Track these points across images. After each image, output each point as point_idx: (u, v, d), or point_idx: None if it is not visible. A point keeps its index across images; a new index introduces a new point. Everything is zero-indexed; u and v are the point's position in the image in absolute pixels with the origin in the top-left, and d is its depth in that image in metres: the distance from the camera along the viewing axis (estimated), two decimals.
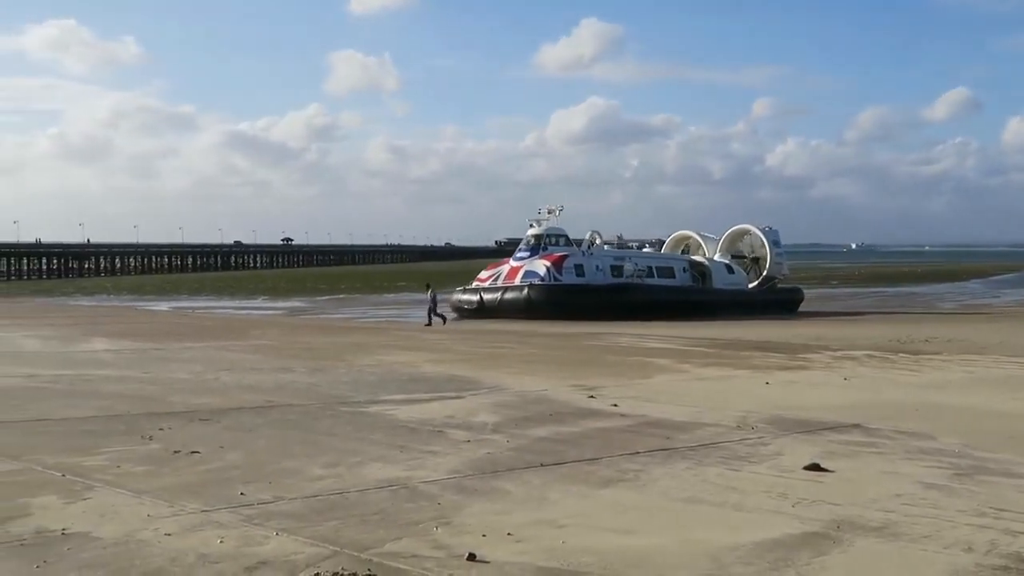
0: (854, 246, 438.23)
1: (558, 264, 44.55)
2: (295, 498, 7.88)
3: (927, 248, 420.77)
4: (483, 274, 46.88)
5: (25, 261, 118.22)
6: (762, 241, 53.89)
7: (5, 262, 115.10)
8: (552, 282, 43.89)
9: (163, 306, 55.74)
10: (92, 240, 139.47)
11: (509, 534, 6.93)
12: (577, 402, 13.78)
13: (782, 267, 54.51)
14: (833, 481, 8.85)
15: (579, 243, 47.53)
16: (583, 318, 38.17)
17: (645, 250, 56.00)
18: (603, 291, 44.47)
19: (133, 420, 11.71)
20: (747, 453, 10.11)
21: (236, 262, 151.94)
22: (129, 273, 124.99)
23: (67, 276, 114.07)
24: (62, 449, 9.80)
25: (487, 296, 44.23)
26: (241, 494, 7.97)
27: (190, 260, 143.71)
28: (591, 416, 12.52)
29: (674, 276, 49.23)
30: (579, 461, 9.60)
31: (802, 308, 51.15)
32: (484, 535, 6.88)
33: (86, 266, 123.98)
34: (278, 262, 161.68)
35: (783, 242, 55.73)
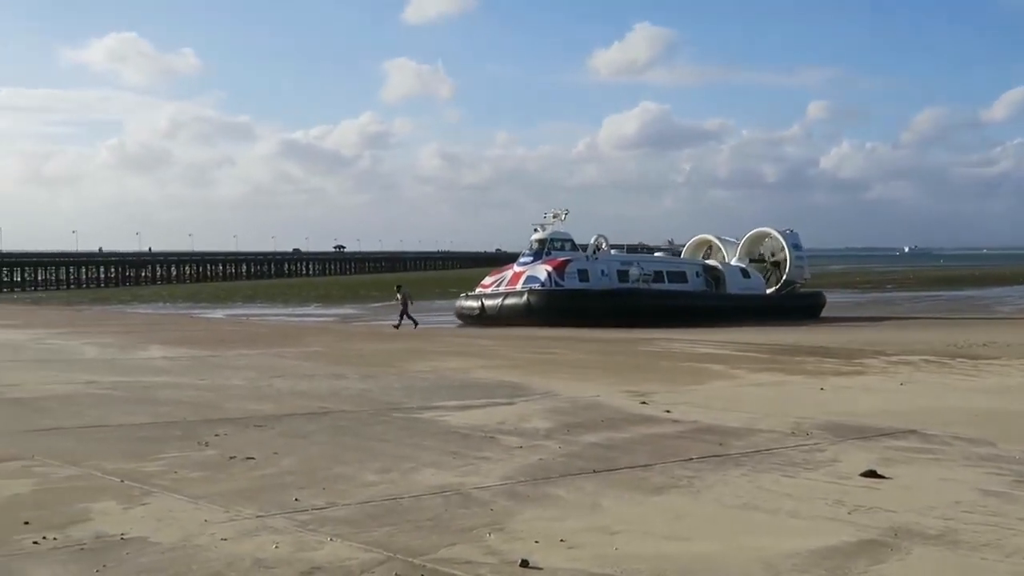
0: (907, 249, 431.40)
1: (560, 269, 43.89)
2: (349, 504, 7.93)
3: (985, 251, 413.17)
4: (487, 280, 46.34)
5: (84, 270, 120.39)
6: (782, 244, 52.62)
7: (65, 271, 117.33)
8: (553, 287, 43.24)
9: (218, 313, 56.44)
10: (148, 249, 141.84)
11: (562, 540, 6.92)
12: (629, 408, 13.73)
13: (803, 271, 53.23)
14: (890, 488, 8.72)
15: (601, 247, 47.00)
16: (585, 324, 37.50)
17: (657, 255, 55.06)
18: (605, 296, 43.66)
19: (189, 426, 11.86)
20: (802, 459, 10.00)
21: (289, 269, 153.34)
22: (185, 281, 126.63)
23: (124, 284, 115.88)
24: (120, 455, 9.94)
25: (488, 302, 43.64)
26: (295, 500, 8.04)
27: (244, 268, 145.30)
28: (644, 422, 12.47)
29: (686, 281, 48.34)
30: (632, 467, 9.55)
31: (853, 314, 50.30)
32: (537, 541, 6.87)
33: (143, 274, 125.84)
34: (330, 269, 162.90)
35: (806, 245, 54.37)
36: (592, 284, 44.32)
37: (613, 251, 49.49)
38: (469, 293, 45.65)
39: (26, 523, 7.19)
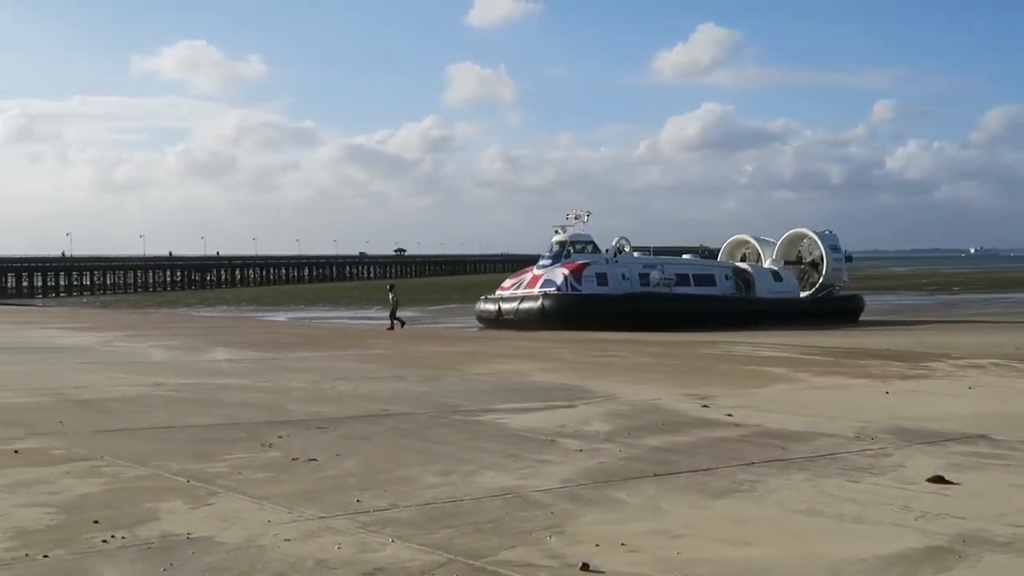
0: (972, 251, 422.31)
1: (577, 273, 43.02)
2: (410, 506, 7.98)
3: None
4: (506, 282, 45.82)
5: (151, 273, 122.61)
6: (818, 246, 51.03)
7: (132, 275, 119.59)
8: (569, 291, 42.38)
9: (281, 316, 57.15)
10: (216, 253, 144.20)
11: (623, 544, 6.89)
12: (690, 411, 13.64)
13: (841, 274, 51.53)
14: (958, 494, 8.56)
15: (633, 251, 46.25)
16: (601, 328, 36.62)
17: (685, 257, 53.69)
18: (622, 301, 42.70)
19: (253, 428, 12.02)
20: (867, 464, 9.85)
21: (351, 273, 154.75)
22: (248, 285, 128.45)
23: (190, 288, 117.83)
24: (187, 456, 10.10)
25: (505, 306, 43.06)
26: (357, 501, 8.10)
27: (306, 271, 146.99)
28: (705, 426, 12.37)
29: (714, 284, 47.10)
30: (693, 471, 9.49)
31: (914, 317, 49.07)
32: (598, 545, 6.85)
33: (208, 278, 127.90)
34: (391, 272, 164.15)
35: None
36: (612, 288, 43.39)
37: (636, 254, 48.44)
38: (488, 296, 45.09)
39: (96, 522, 7.33)
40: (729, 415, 13.15)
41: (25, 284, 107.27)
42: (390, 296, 38.94)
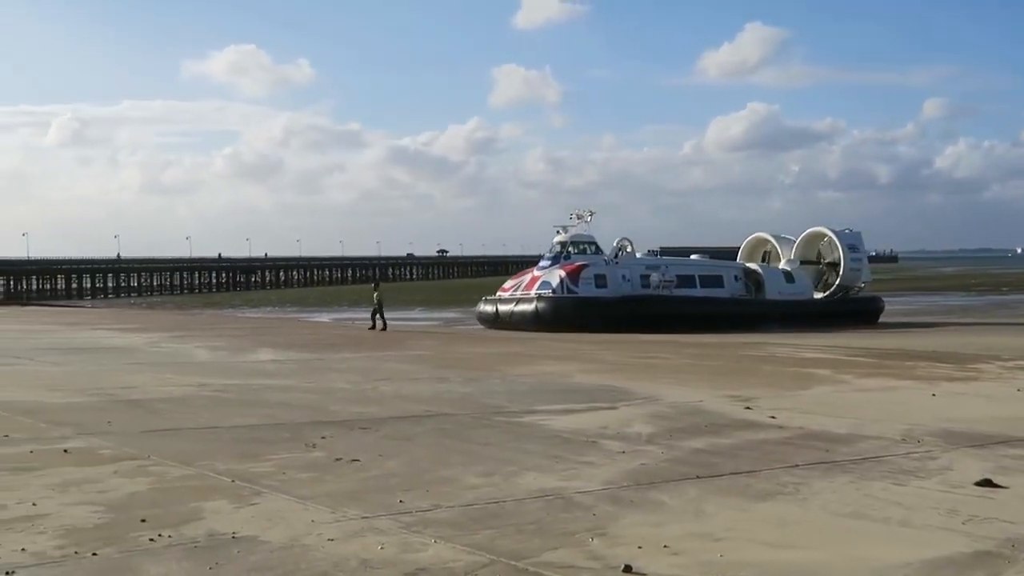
0: (1019, 250, 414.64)
1: (574, 274, 42.03)
2: (452, 506, 8.00)
3: None
4: (507, 283, 45.19)
5: (197, 275, 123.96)
6: (837, 245, 48.94)
7: (179, 276, 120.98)
8: (565, 293, 41.49)
9: (324, 317, 57.51)
10: (264, 255, 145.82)
11: (665, 546, 6.87)
12: (733, 413, 13.56)
13: (860, 275, 49.43)
14: (1007, 498, 8.44)
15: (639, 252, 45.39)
16: (598, 331, 35.72)
17: (693, 257, 52.32)
18: (619, 303, 41.66)
19: (297, 428, 12.12)
20: (913, 467, 9.74)
21: (393, 274, 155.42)
22: (292, 286, 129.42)
23: (235, 289, 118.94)
24: (231, 455, 10.21)
25: (502, 307, 42.39)
26: (400, 501, 8.14)
27: (350, 272, 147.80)
28: (747, 428, 12.30)
29: (722, 285, 45.86)
30: (736, 473, 9.43)
31: (961, 319, 47.94)
32: (640, 547, 6.84)
33: (253, 279, 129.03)
34: (434, 273, 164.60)
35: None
36: (611, 290, 42.46)
37: (639, 254, 47.15)
38: (488, 297, 44.47)
39: (143, 521, 7.43)
40: (772, 417, 13.06)
41: (74, 286, 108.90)
42: (375, 297, 38.85)
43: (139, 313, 61.22)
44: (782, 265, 49.19)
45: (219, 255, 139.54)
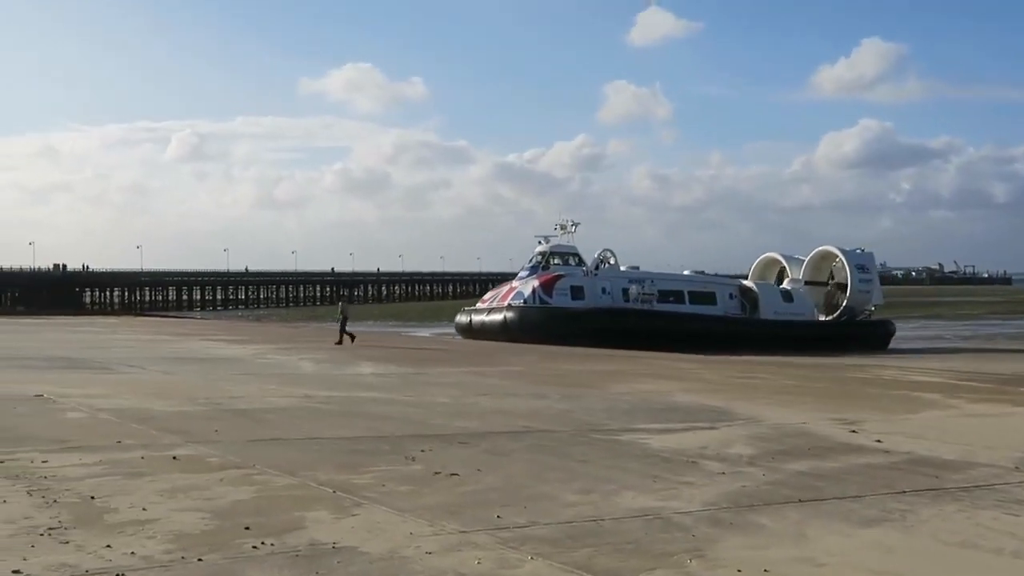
0: None
1: (548, 285, 41.45)
2: (550, 523, 7.99)
3: None
4: (487, 294, 44.89)
5: (302, 288, 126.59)
6: (845, 266, 46.88)
7: (285, 289, 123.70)
8: (536, 304, 40.80)
9: (424, 332, 58.07)
10: (376, 269, 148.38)
11: (766, 571, 6.75)
12: (837, 436, 13.26)
13: (869, 297, 47.46)
14: None
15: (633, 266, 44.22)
16: (571, 344, 34.78)
17: (685, 272, 50.50)
18: (592, 316, 40.47)
19: (398, 441, 12.25)
20: None
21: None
22: (394, 300, 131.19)
23: (338, 303, 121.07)
24: (333, 466, 10.36)
25: (475, 317, 42.10)
26: (498, 516, 8.16)
27: (450, 287, 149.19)
28: (852, 451, 12.01)
29: (714, 302, 44.36)
30: (840, 498, 9.22)
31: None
32: (739, 570, 6.73)
33: (356, 293, 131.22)
34: None
35: None
36: (588, 302, 41.64)
37: (622, 268, 45.95)
38: (467, 307, 44.35)
39: (247, 528, 7.59)
40: (878, 441, 12.74)
41: (184, 297, 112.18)
42: (339, 309, 38.90)
43: (246, 325, 62.73)
44: (785, 284, 47.69)
45: (332, 269, 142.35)
